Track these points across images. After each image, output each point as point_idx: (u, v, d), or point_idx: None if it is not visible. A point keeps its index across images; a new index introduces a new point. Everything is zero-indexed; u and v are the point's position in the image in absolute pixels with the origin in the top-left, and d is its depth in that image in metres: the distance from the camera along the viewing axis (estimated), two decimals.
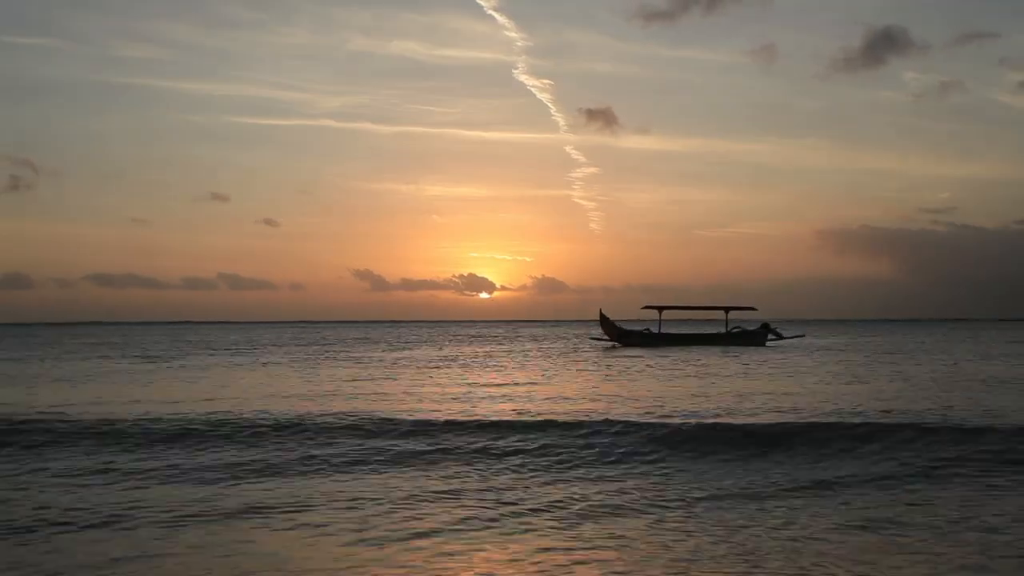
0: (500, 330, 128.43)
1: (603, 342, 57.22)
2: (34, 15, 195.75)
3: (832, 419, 16.23)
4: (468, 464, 13.12)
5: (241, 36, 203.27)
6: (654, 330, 55.50)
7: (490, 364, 39.46)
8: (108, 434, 15.62)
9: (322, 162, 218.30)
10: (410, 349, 57.21)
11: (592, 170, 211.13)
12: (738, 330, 54.91)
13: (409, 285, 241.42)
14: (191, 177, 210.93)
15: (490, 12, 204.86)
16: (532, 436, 15.11)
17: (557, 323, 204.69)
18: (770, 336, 53.79)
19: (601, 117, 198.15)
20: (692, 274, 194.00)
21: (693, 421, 16.17)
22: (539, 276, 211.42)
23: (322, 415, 17.69)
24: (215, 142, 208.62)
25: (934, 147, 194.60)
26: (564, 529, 9.22)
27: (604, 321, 55.05)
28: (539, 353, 49.96)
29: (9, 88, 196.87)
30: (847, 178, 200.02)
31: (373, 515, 9.83)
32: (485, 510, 10.09)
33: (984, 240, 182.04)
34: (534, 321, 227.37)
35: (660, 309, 55.24)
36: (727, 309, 55.42)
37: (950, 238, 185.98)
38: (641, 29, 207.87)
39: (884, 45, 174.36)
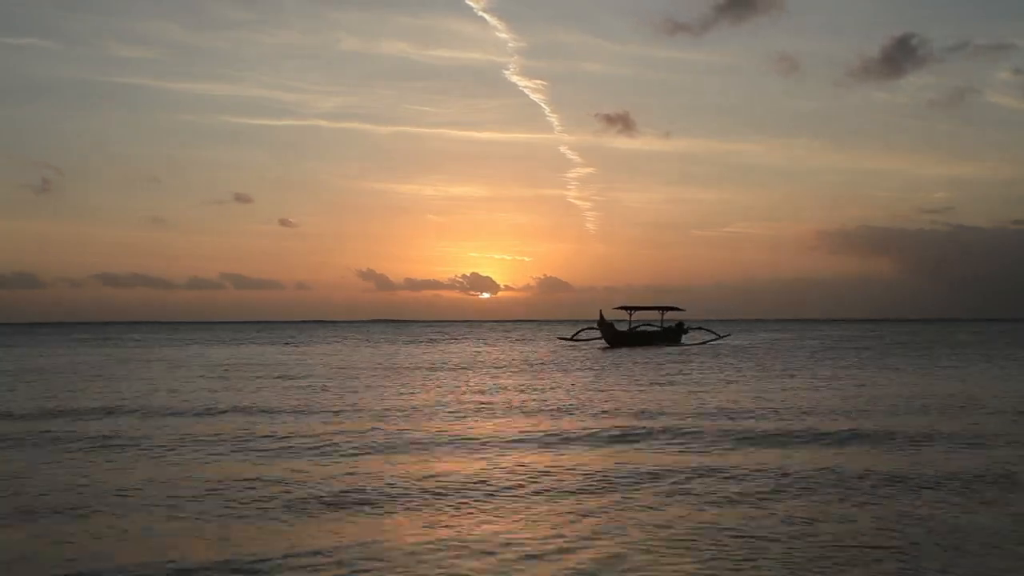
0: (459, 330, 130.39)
1: (568, 341, 63.23)
2: (28, 15, 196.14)
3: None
4: None
5: (231, 36, 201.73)
6: (623, 328, 61.61)
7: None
8: None
9: (320, 162, 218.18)
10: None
11: (587, 170, 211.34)
12: (655, 329, 62.40)
13: (413, 285, 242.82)
14: (194, 177, 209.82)
15: (480, 14, 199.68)
16: None
17: (560, 322, 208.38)
18: (688, 333, 62.13)
19: (603, 119, 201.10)
20: (691, 274, 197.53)
21: None
22: (542, 276, 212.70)
23: None
24: (214, 143, 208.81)
25: (932, 148, 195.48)
26: None
27: (602, 323, 59.60)
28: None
29: (16, 89, 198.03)
30: (845, 178, 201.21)
31: None
32: None
33: (982, 240, 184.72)
34: (536, 321, 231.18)
35: (630, 310, 61.21)
36: (663, 310, 61.92)
37: (948, 238, 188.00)
38: (635, 31, 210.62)
39: (896, 54, 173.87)
